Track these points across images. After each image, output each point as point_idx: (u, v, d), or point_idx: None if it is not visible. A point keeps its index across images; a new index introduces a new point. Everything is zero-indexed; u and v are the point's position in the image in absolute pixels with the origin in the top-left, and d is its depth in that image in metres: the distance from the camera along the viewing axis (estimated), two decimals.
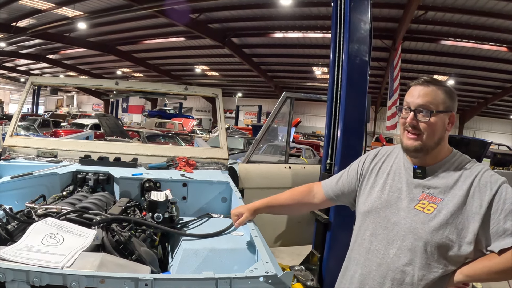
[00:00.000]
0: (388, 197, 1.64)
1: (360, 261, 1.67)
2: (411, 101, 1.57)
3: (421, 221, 1.52)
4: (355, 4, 3.30)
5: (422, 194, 1.57)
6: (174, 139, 13.93)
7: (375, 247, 1.62)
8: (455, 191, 1.51)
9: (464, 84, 22.39)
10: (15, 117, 3.39)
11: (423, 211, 1.53)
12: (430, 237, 1.49)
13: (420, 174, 1.59)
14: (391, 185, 1.66)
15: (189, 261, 1.68)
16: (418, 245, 1.51)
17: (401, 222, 1.57)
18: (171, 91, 4.19)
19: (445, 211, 1.49)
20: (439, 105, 1.55)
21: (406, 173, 1.64)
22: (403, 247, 1.54)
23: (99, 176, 2.69)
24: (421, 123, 1.55)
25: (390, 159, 1.75)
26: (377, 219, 1.64)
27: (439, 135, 1.57)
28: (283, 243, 3.85)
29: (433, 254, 1.50)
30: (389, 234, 1.59)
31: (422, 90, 1.56)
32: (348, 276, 1.73)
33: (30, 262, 1.33)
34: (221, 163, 3.45)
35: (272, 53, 22.03)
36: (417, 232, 1.52)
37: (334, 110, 3.43)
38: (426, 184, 1.57)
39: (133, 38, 21.94)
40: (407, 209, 1.57)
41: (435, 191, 1.55)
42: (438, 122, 1.55)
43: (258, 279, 1.33)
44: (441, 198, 1.52)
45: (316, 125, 35.14)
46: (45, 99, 48.43)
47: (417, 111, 1.55)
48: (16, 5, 16.14)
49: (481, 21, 13.73)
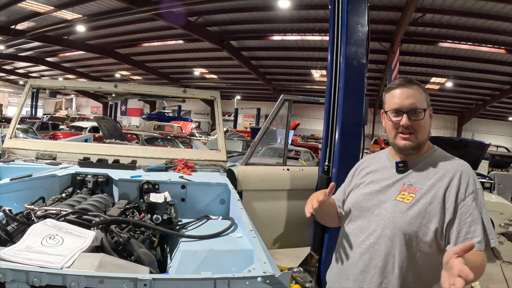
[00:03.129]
0: (370, 191, 1.74)
1: (346, 253, 1.74)
2: (400, 104, 1.63)
3: (400, 210, 1.59)
4: (352, 7, 3.31)
5: (403, 186, 1.65)
6: (173, 141, 13.93)
7: (359, 239, 1.70)
8: (435, 182, 1.58)
9: (462, 86, 22.46)
10: (14, 120, 3.40)
11: (403, 201, 1.60)
12: (408, 226, 1.56)
13: (402, 168, 1.68)
14: (374, 181, 1.76)
15: (187, 262, 1.69)
16: (397, 234, 1.58)
17: (382, 213, 1.65)
18: (169, 94, 4.20)
19: (423, 200, 1.56)
20: (424, 102, 1.64)
21: (389, 169, 1.74)
22: (383, 236, 1.61)
23: (98, 178, 2.69)
24: (414, 123, 1.62)
25: (373, 162, 1.86)
26: (362, 213, 1.73)
27: (429, 130, 1.68)
28: (281, 245, 3.85)
29: (412, 241, 1.56)
30: (372, 226, 1.67)
31: (409, 91, 1.64)
32: (337, 268, 1.81)
33: (29, 262, 1.34)
34: (220, 165, 3.46)
35: (270, 55, 22.09)
36: (396, 221, 1.59)
37: (332, 112, 3.44)
38: (408, 177, 1.66)
39: (132, 41, 21.98)
40: (388, 201, 1.65)
41: (415, 182, 1.63)
42: (427, 119, 1.65)
43: (256, 280, 1.34)
44: (420, 188, 1.60)
45: (314, 128, 35.17)
46: (43, 102, 48.37)
47: (410, 112, 1.61)
48: (15, 8, 16.16)
49: (479, 23, 13.80)
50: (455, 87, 22.54)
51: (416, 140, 1.63)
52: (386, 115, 1.69)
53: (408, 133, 1.63)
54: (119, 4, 15.25)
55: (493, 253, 6.74)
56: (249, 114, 37.45)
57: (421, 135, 1.64)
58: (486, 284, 5.25)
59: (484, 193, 5.57)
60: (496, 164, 12.96)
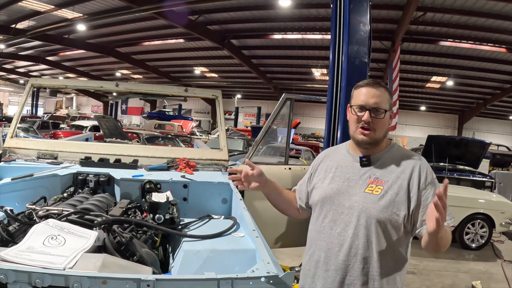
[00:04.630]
0: (339, 186, 1.86)
1: (323, 246, 1.85)
2: (365, 101, 1.80)
3: (371, 201, 1.76)
4: (354, 6, 3.31)
5: (369, 179, 1.81)
6: (174, 140, 13.93)
7: (335, 231, 1.82)
8: (398, 174, 1.77)
9: (463, 85, 22.45)
10: (15, 119, 3.39)
11: (372, 193, 1.77)
12: (381, 214, 1.73)
13: (366, 162, 1.84)
14: (340, 176, 1.89)
15: (190, 262, 1.68)
16: (372, 222, 1.74)
17: (354, 206, 1.79)
18: (170, 92, 4.19)
19: (391, 191, 1.75)
20: (387, 104, 1.82)
21: (353, 164, 1.88)
22: (359, 226, 1.76)
23: (99, 178, 2.68)
24: (374, 120, 1.79)
25: (335, 155, 2.00)
26: (333, 207, 1.85)
27: (386, 129, 1.85)
28: (283, 244, 3.84)
29: (385, 228, 1.74)
30: (346, 218, 1.80)
31: (376, 92, 1.81)
32: (313, 261, 1.89)
33: (32, 263, 1.33)
34: (222, 165, 3.45)
35: (271, 54, 22.07)
36: (369, 211, 1.75)
37: (333, 111, 3.44)
38: (372, 171, 1.83)
39: (132, 40, 21.97)
40: (358, 194, 1.80)
41: (381, 175, 1.80)
42: (387, 119, 1.83)
43: (260, 280, 1.33)
44: (386, 180, 1.78)
45: (315, 127, 35.16)
46: (44, 101, 48.43)
47: (372, 110, 1.79)
48: (16, 7, 16.16)
49: (480, 22, 13.77)
50: (456, 86, 22.52)
51: (373, 136, 1.80)
52: (351, 109, 1.86)
53: (368, 129, 1.79)
54: (119, 3, 15.24)
55: (494, 252, 6.75)
56: (250, 113, 37.46)
57: (379, 133, 1.81)
58: (487, 283, 5.25)
59: (485, 192, 5.65)
60: (496, 163, 12.96)
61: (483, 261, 6.23)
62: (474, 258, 6.43)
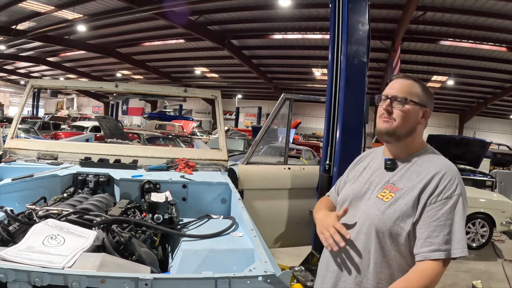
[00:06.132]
0: (358, 188, 1.74)
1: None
2: (388, 90, 1.67)
3: (377, 207, 1.60)
4: (353, 6, 3.31)
5: (387, 184, 1.65)
6: (174, 141, 13.93)
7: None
8: (415, 183, 1.56)
9: (463, 84, 22.40)
10: (16, 120, 3.41)
11: (382, 199, 1.61)
12: (382, 224, 1.56)
13: (390, 165, 1.68)
14: (364, 177, 1.77)
15: (189, 261, 1.69)
16: (372, 231, 1.59)
17: (364, 209, 1.66)
18: (171, 93, 4.21)
19: (401, 200, 1.56)
20: (413, 96, 1.64)
21: (379, 166, 1.74)
22: (361, 231, 1.62)
23: (99, 178, 2.69)
24: (395, 110, 1.63)
25: (370, 157, 1.86)
26: (350, 209, 1.72)
27: (411, 125, 1.64)
28: (282, 244, 3.85)
29: (386, 240, 1.56)
30: (354, 220, 1.68)
31: (401, 82, 1.67)
32: (324, 263, 1.79)
33: (31, 262, 1.34)
34: (221, 165, 3.46)
35: (271, 54, 22.05)
36: (372, 217, 1.60)
37: (333, 111, 3.44)
38: (394, 175, 1.66)
39: (133, 41, 21.97)
40: (372, 198, 1.66)
41: (398, 181, 1.63)
42: (411, 111, 1.63)
43: (257, 279, 1.34)
44: (400, 188, 1.59)
45: (316, 126, 35.12)
46: (45, 102, 48.44)
47: (392, 98, 1.64)
48: (16, 8, 16.17)
49: (480, 21, 13.75)
50: (456, 85, 22.48)
51: (392, 126, 1.62)
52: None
53: (388, 118, 1.63)
54: (119, 3, 15.24)
55: (494, 252, 6.75)
56: (251, 113, 37.42)
57: (399, 124, 1.61)
58: (487, 283, 5.25)
59: (485, 191, 5.56)
60: (497, 162, 12.95)
61: (484, 261, 6.22)
62: (475, 258, 6.42)
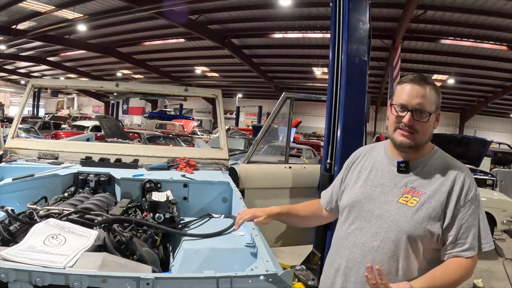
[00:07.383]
0: (370, 191, 1.69)
1: (345, 254, 1.69)
2: (407, 100, 1.58)
3: (404, 214, 1.57)
4: (353, 4, 3.30)
5: (405, 188, 1.61)
6: (175, 140, 13.94)
7: (360, 240, 1.65)
8: (438, 187, 1.57)
9: (464, 83, 22.37)
10: (16, 120, 3.41)
11: (407, 204, 1.58)
12: (413, 230, 1.54)
13: (404, 168, 1.64)
14: (373, 180, 1.71)
15: (190, 261, 1.69)
16: (402, 237, 1.55)
17: (384, 215, 1.61)
18: (171, 92, 4.22)
19: (427, 205, 1.55)
20: (433, 105, 1.60)
21: (389, 168, 1.69)
22: (387, 239, 1.58)
23: (100, 177, 2.69)
24: (417, 123, 1.58)
25: (371, 156, 1.80)
26: (361, 213, 1.68)
27: (430, 133, 1.64)
28: (284, 243, 3.85)
29: (415, 246, 1.55)
30: (373, 227, 1.63)
31: (420, 91, 1.58)
32: (333, 269, 1.75)
33: (32, 262, 1.34)
34: (222, 164, 3.46)
35: (272, 53, 22.05)
36: (401, 224, 1.56)
37: (333, 110, 3.44)
38: (410, 179, 1.63)
39: (133, 40, 21.96)
40: (391, 203, 1.61)
41: (418, 185, 1.60)
42: (431, 122, 1.62)
43: (259, 278, 1.34)
44: (423, 192, 1.58)
45: (316, 125, 35.09)
46: (45, 101, 48.44)
47: (415, 112, 1.57)
48: (16, 8, 16.16)
49: (480, 20, 13.73)
50: (457, 84, 22.46)
51: (414, 140, 1.59)
52: (392, 107, 1.64)
53: (409, 131, 1.58)
54: (120, 3, 15.23)
55: (495, 251, 6.74)
56: (251, 112, 37.40)
57: (421, 137, 1.60)
58: (488, 282, 5.25)
59: (486, 190, 5.59)
60: (498, 161, 12.95)
61: (485, 259, 6.21)
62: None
